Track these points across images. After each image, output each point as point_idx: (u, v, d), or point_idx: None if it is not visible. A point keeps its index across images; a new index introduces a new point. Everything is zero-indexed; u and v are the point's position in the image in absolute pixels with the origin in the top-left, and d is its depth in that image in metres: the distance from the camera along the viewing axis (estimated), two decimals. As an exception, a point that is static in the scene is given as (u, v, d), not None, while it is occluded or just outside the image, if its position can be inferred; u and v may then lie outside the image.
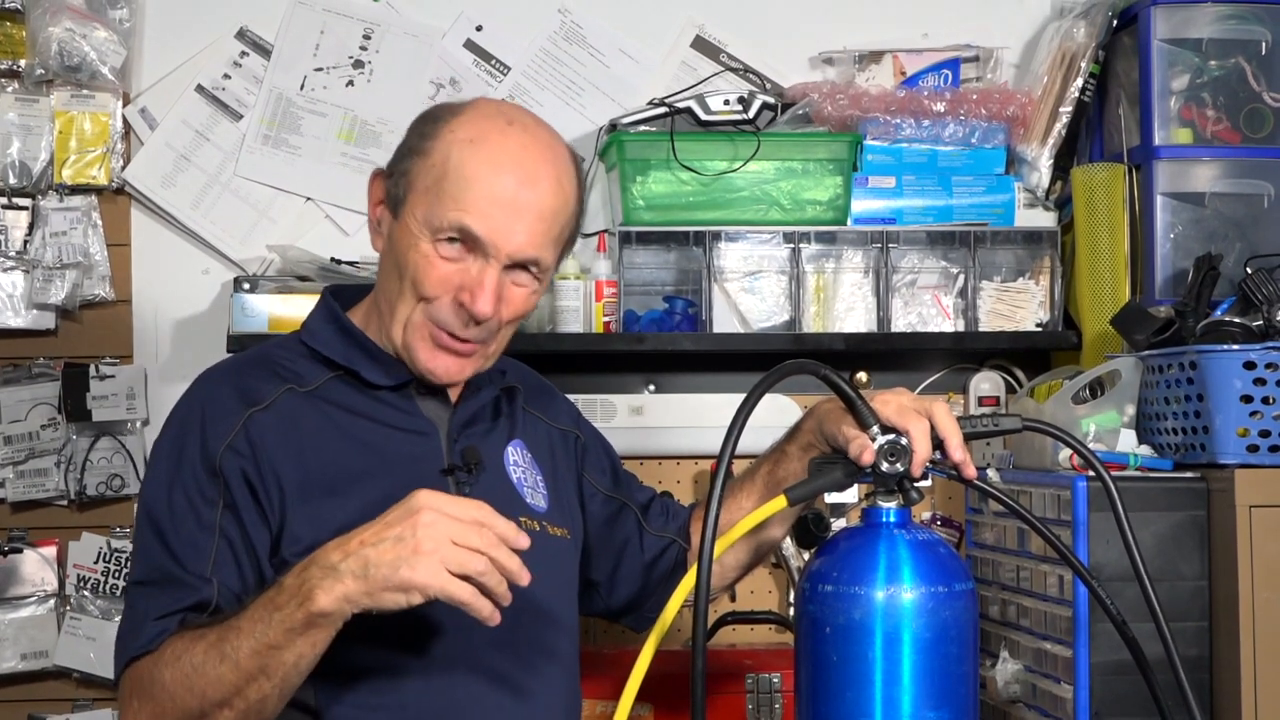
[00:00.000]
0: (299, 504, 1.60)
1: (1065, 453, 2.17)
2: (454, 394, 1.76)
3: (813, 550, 1.55)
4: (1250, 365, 2.12)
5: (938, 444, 1.52)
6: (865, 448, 1.49)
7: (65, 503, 2.78)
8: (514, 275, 1.67)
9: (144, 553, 1.60)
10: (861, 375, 2.84)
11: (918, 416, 1.53)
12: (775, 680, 2.43)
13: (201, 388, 1.68)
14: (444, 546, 1.40)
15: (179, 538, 1.57)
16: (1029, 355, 2.89)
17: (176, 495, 1.60)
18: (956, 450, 1.52)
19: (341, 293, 1.81)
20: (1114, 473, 1.58)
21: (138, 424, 2.79)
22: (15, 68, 2.76)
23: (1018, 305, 2.78)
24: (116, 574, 2.75)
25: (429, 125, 1.70)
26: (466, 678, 1.64)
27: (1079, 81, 2.75)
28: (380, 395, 1.71)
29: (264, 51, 2.86)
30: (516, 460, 1.79)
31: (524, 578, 1.44)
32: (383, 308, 1.72)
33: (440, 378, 1.70)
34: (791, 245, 2.73)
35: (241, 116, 2.85)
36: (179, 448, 1.62)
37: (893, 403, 1.56)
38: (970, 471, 1.54)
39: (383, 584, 1.40)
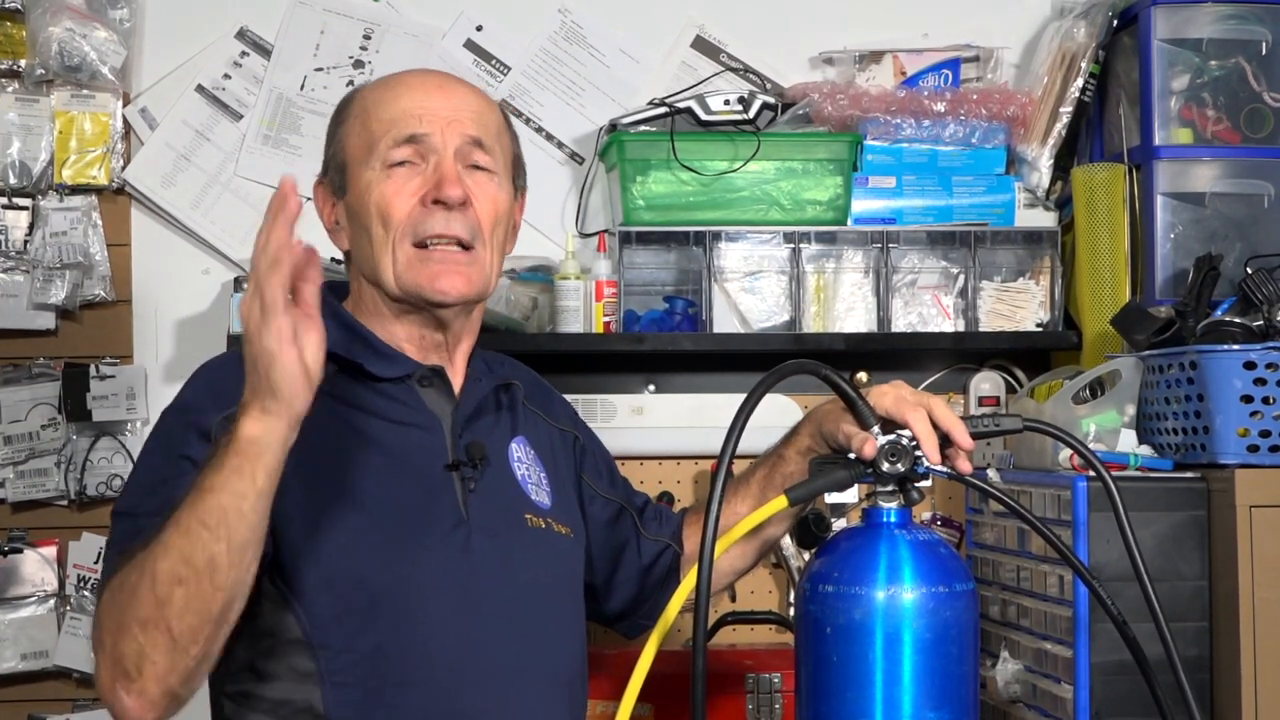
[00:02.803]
0: (302, 501, 1.59)
1: (1065, 453, 2.17)
2: (456, 385, 1.75)
3: (813, 550, 1.55)
4: (1250, 365, 2.12)
5: (943, 437, 1.52)
6: (867, 442, 1.49)
7: (65, 503, 2.78)
8: (471, 175, 1.71)
9: (126, 519, 1.56)
10: (862, 375, 2.84)
11: (915, 407, 1.52)
12: (775, 680, 2.43)
13: (207, 371, 1.68)
14: (256, 305, 1.37)
15: (167, 489, 1.52)
16: (1029, 355, 2.89)
17: (170, 457, 1.57)
18: (964, 438, 1.52)
19: (336, 288, 1.80)
20: (1114, 473, 1.58)
21: (138, 424, 2.79)
22: (15, 68, 2.76)
23: (1018, 305, 2.78)
24: (117, 574, 2.75)
25: (340, 107, 1.79)
26: (467, 674, 1.63)
27: (1079, 81, 2.75)
28: (382, 388, 1.70)
29: (264, 51, 2.86)
30: (520, 457, 1.79)
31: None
32: (367, 282, 1.72)
33: (449, 294, 1.69)
34: (792, 245, 2.73)
35: (241, 116, 2.85)
36: (179, 418, 1.61)
37: (890, 394, 1.56)
38: (968, 467, 1.54)
39: (265, 374, 1.37)
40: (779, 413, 2.61)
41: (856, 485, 1.51)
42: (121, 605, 1.43)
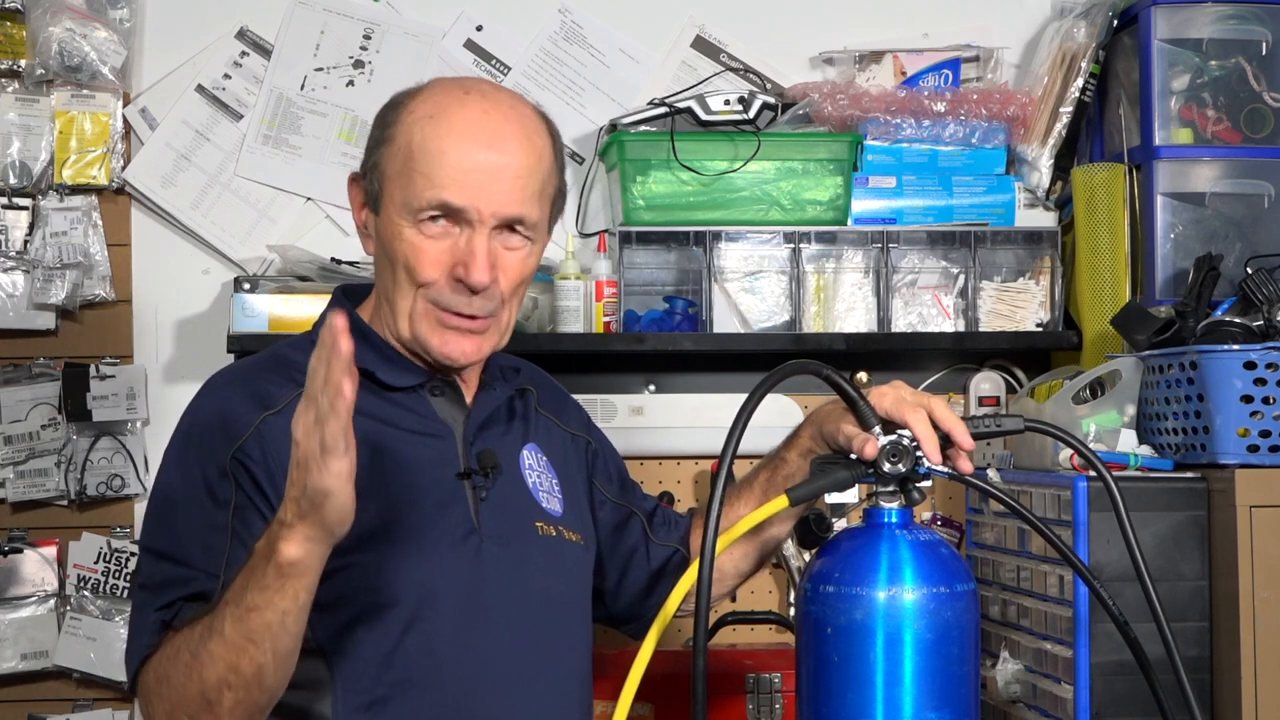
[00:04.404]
0: None
1: (1066, 453, 2.17)
2: (469, 394, 1.74)
3: (814, 551, 1.54)
4: (1250, 365, 2.12)
5: (943, 437, 1.52)
6: (868, 442, 1.49)
7: (65, 503, 2.78)
8: (504, 239, 1.66)
9: (151, 556, 1.59)
10: (862, 375, 2.84)
11: (915, 408, 1.52)
12: (775, 680, 2.43)
13: (213, 391, 1.67)
14: (316, 441, 1.38)
15: (188, 540, 1.56)
16: (1029, 355, 2.89)
17: (187, 498, 1.58)
18: (965, 438, 1.51)
19: (353, 291, 1.79)
20: (1114, 473, 1.58)
21: (138, 424, 2.78)
22: (15, 68, 2.76)
23: (1018, 305, 2.78)
24: (117, 574, 2.75)
25: (390, 113, 1.70)
26: (477, 684, 1.62)
27: (1079, 81, 2.75)
28: (393, 397, 1.68)
29: (264, 51, 2.86)
30: (531, 464, 1.77)
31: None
32: (385, 307, 1.71)
33: (458, 360, 1.67)
34: (792, 245, 2.73)
35: (242, 116, 2.85)
36: (190, 451, 1.61)
37: (890, 395, 1.55)
38: (969, 467, 1.54)
39: (317, 506, 1.39)
40: (780, 413, 2.61)
41: (857, 486, 1.51)
42: (171, 700, 1.51)
